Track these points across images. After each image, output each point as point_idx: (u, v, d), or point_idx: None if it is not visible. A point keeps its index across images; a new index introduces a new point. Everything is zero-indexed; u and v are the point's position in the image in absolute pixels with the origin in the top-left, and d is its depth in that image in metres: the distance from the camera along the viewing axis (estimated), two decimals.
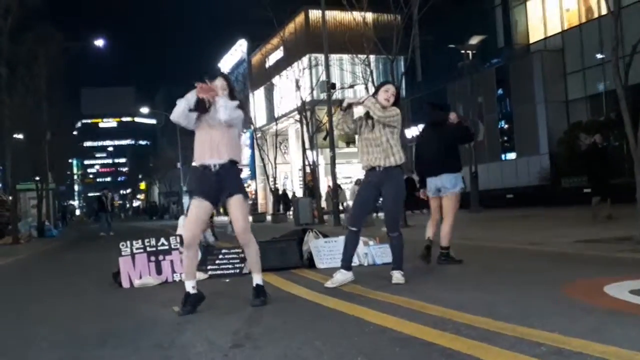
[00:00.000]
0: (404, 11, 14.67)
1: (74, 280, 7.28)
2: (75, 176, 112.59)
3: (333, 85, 19.96)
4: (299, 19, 33.66)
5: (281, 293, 4.79)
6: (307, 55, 30.00)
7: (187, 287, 4.14)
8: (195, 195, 4.29)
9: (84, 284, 6.51)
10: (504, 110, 25.28)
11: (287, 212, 27.51)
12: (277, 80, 32.47)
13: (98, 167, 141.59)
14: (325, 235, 7.00)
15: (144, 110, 68.99)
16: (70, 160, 76.60)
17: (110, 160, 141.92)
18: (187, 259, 4.21)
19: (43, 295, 5.91)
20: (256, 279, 4.27)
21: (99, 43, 25.03)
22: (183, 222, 7.21)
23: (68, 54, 22.46)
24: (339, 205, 20.50)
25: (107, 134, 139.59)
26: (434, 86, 27.38)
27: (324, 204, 22.76)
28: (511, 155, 24.84)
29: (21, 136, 22.99)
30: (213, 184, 4.18)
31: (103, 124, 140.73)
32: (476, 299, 3.99)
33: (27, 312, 4.83)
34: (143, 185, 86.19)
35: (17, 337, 3.79)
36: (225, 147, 4.18)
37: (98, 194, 23.98)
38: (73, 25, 56.27)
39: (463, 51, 21.44)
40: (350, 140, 30.00)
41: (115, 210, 36.08)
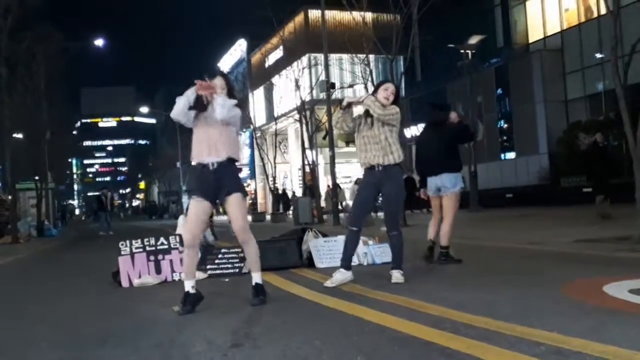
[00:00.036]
0: (403, 11, 14.66)
1: (73, 279, 7.28)
2: (75, 176, 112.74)
3: (332, 85, 19.97)
4: (299, 18, 33.64)
5: (280, 292, 4.79)
6: (307, 55, 29.97)
7: (187, 287, 4.14)
8: (194, 194, 4.29)
9: (83, 284, 6.51)
10: (504, 110, 25.26)
11: (287, 212, 27.51)
12: (277, 80, 32.41)
13: (97, 167, 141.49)
14: (324, 235, 6.99)
15: (144, 109, 69.09)
16: (70, 160, 76.59)
17: (109, 160, 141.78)
18: (188, 257, 4.21)
19: (42, 295, 5.91)
20: (255, 278, 4.27)
21: (99, 43, 25.08)
22: (183, 222, 7.23)
23: (68, 53, 22.40)
24: (339, 205, 20.51)
25: (107, 133, 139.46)
26: (434, 86, 27.35)
27: (324, 204, 22.75)
28: (510, 155, 24.82)
29: (21, 136, 22.96)
30: (211, 183, 4.17)
31: (103, 123, 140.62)
32: (475, 299, 3.99)
33: (27, 312, 4.83)
34: (142, 185, 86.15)
35: (17, 337, 3.79)
36: (223, 145, 4.18)
37: (97, 194, 24.00)
38: (73, 25, 56.04)
39: (462, 51, 21.43)
40: (349, 139, 29.78)
41: (114, 210, 36.00)
